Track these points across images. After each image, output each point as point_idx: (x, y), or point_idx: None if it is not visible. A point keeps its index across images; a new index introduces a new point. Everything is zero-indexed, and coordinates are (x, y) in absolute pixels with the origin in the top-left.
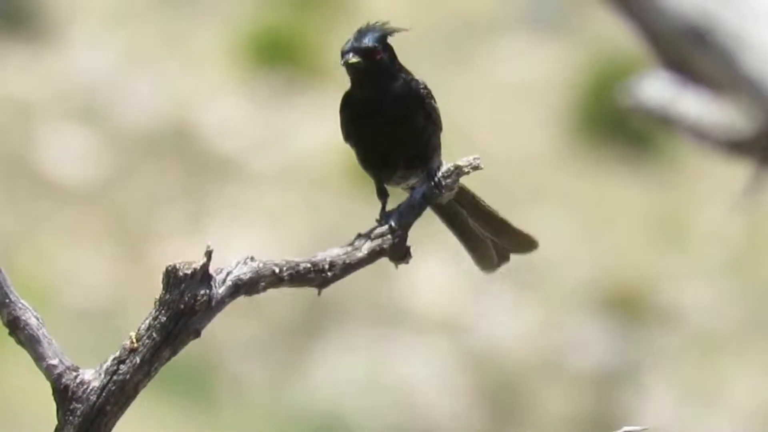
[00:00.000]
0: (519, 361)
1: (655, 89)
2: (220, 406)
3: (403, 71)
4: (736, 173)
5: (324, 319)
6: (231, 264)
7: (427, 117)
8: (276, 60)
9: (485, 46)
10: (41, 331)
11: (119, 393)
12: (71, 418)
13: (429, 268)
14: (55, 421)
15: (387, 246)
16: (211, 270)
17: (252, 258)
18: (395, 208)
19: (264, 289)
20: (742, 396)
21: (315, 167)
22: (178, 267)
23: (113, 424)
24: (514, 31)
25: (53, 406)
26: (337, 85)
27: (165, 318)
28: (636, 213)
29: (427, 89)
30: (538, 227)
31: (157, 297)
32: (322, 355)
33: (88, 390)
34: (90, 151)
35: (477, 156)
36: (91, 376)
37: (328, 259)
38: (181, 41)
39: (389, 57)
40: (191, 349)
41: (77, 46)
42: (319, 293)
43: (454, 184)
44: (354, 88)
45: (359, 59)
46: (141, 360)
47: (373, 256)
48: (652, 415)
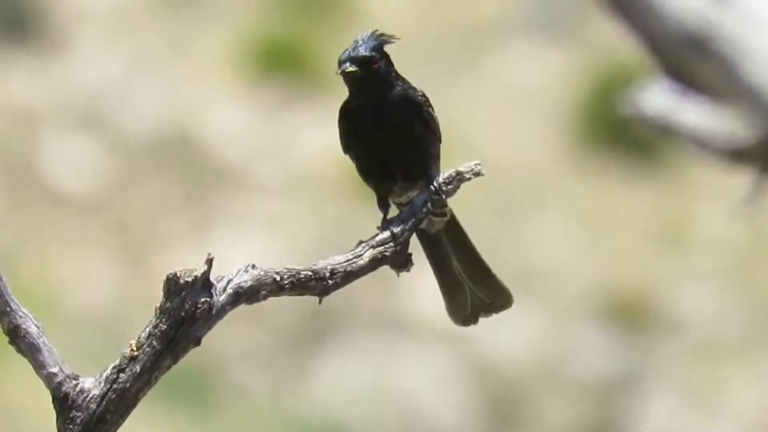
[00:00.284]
0: (521, 369)
1: (657, 98)
2: (222, 414)
3: (400, 79)
4: (737, 180)
5: (326, 327)
6: (232, 272)
7: (426, 125)
8: (279, 68)
9: (488, 52)
10: (41, 340)
11: (119, 401)
12: (71, 426)
13: (431, 276)
14: (56, 430)
15: (388, 253)
16: (212, 278)
17: (253, 266)
18: (396, 215)
19: (265, 297)
20: (744, 403)
21: (318, 175)
22: (178, 275)
23: None
24: (517, 38)
25: (54, 414)
26: (340, 94)
27: (165, 326)
28: (638, 220)
29: (425, 97)
30: (540, 234)
31: (158, 305)
32: (324, 363)
33: (88, 398)
34: (93, 159)
35: (478, 162)
36: (91, 384)
37: (329, 267)
38: (185, 50)
39: (386, 65)
40: (193, 357)
41: (81, 54)
42: (320, 301)
43: (455, 190)
44: (352, 96)
45: (356, 68)
46: (141, 368)
47: (375, 263)
48: (654, 423)
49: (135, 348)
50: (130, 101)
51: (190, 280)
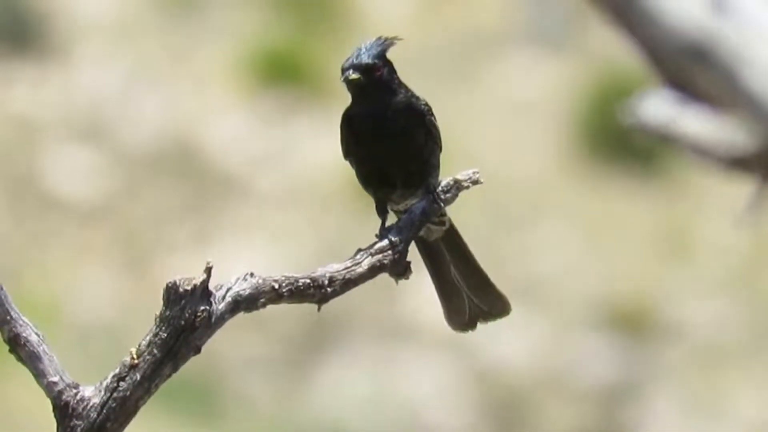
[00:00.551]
0: (524, 377)
1: (657, 107)
2: (223, 422)
3: (403, 87)
4: (739, 189)
5: (328, 335)
6: (230, 280)
7: (428, 133)
8: (280, 78)
9: (488, 62)
10: (42, 348)
11: (120, 410)
12: None
13: (432, 283)
14: None
15: (387, 261)
16: (211, 286)
17: (251, 274)
18: (395, 223)
19: (264, 305)
20: (747, 410)
21: (318, 185)
22: (178, 283)
23: None
24: (517, 48)
25: (55, 422)
26: (341, 103)
27: (165, 334)
28: (640, 229)
29: (428, 106)
30: (542, 243)
31: (158, 313)
32: (326, 371)
33: (88, 407)
34: (95, 169)
35: (476, 170)
36: (92, 392)
37: (327, 275)
38: (186, 60)
39: (389, 73)
40: (195, 365)
41: (82, 64)
42: (319, 309)
43: (453, 198)
44: (354, 104)
45: (359, 75)
46: (141, 376)
47: (373, 271)
48: (657, 430)
49: (135, 356)
50: (131, 111)
51: (189, 288)
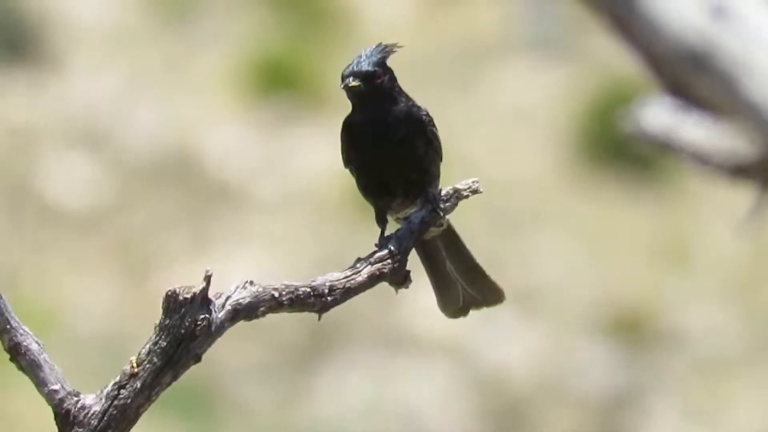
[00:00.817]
0: (523, 385)
1: (657, 114)
2: (224, 429)
3: (404, 95)
4: (739, 197)
5: (328, 343)
6: (230, 288)
7: (428, 143)
8: (278, 86)
9: (487, 70)
10: (42, 357)
11: (120, 417)
12: None
13: (432, 291)
14: None
15: (387, 270)
16: (211, 295)
17: (251, 282)
18: (394, 232)
19: (263, 314)
20: (746, 419)
21: (316, 193)
22: (177, 292)
23: None
24: (516, 56)
25: (55, 430)
26: (339, 112)
27: (165, 342)
28: (639, 236)
29: (429, 116)
30: (542, 251)
31: (157, 322)
32: (326, 379)
33: (89, 415)
34: (93, 178)
35: (476, 179)
36: (92, 400)
37: (327, 284)
38: (183, 68)
39: (390, 80)
40: (195, 373)
41: (79, 73)
42: (320, 318)
43: (453, 207)
44: (355, 111)
45: (359, 83)
46: (142, 384)
47: (373, 280)
48: None
49: (135, 365)
50: (128, 120)
51: (188, 296)
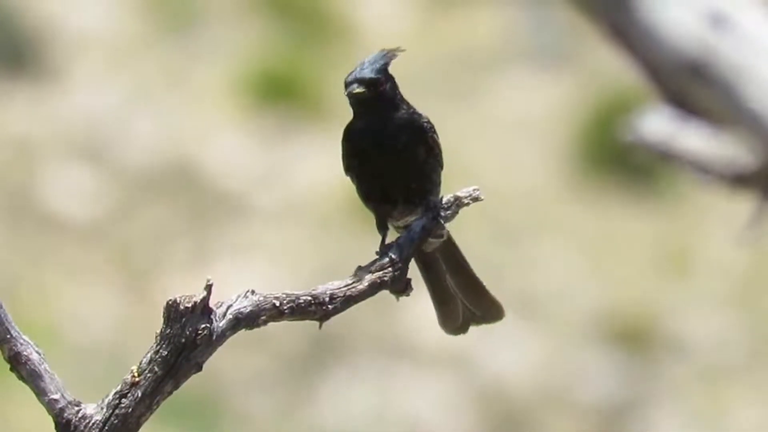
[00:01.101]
0: (525, 394)
1: (657, 124)
2: None
3: (405, 103)
4: (739, 205)
5: (329, 352)
6: (231, 297)
7: (429, 150)
8: (278, 97)
9: (486, 80)
10: (43, 366)
11: (121, 427)
12: None
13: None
14: None
15: (388, 278)
16: (212, 304)
17: (252, 291)
18: (395, 240)
19: (265, 323)
20: (748, 426)
21: (317, 203)
22: (178, 301)
23: None
24: (515, 65)
25: None
26: (339, 122)
27: (166, 351)
28: (640, 245)
29: (430, 124)
30: (542, 259)
31: (158, 331)
32: (327, 388)
33: (90, 424)
34: (93, 189)
35: (476, 187)
36: (93, 410)
37: (328, 292)
38: (183, 79)
39: (391, 88)
40: (196, 383)
41: (79, 84)
42: (320, 326)
43: (453, 215)
44: (357, 118)
45: (363, 90)
46: (143, 393)
47: (374, 288)
48: None
49: (136, 374)
50: (128, 130)
51: (189, 306)
